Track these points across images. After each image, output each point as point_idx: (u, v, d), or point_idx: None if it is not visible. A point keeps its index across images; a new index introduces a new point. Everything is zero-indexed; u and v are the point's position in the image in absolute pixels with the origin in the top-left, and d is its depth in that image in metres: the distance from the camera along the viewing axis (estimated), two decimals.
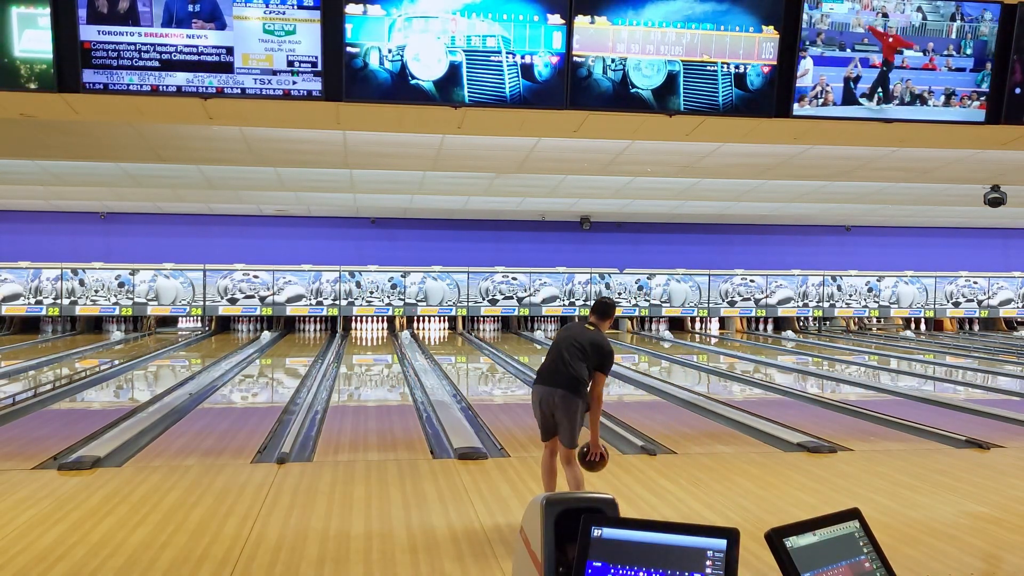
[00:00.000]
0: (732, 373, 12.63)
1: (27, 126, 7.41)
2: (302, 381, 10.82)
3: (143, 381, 11.49)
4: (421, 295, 19.13)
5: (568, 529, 2.50)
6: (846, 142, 7.75)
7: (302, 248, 18.92)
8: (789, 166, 10.16)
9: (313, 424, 7.70)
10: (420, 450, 6.62)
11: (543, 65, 5.30)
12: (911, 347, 17.10)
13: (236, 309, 18.64)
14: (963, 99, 5.73)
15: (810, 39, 5.50)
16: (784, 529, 1.84)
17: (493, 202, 15.46)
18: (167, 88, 5.08)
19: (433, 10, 5.16)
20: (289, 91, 5.16)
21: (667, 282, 20.02)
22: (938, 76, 5.67)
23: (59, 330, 18.32)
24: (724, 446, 6.89)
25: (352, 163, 10.17)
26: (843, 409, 8.76)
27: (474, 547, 4.27)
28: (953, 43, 5.64)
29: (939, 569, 3.99)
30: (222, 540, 4.35)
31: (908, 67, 5.63)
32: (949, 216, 18.01)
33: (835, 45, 5.55)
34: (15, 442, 6.91)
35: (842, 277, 20.68)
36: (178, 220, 18.44)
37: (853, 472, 6.01)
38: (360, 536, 4.47)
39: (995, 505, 5.14)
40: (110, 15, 4.95)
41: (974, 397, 9.95)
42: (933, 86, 5.69)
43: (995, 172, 10.60)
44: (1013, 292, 21.20)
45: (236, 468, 5.93)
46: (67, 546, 4.22)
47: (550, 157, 9.77)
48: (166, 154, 9.44)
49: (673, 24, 5.36)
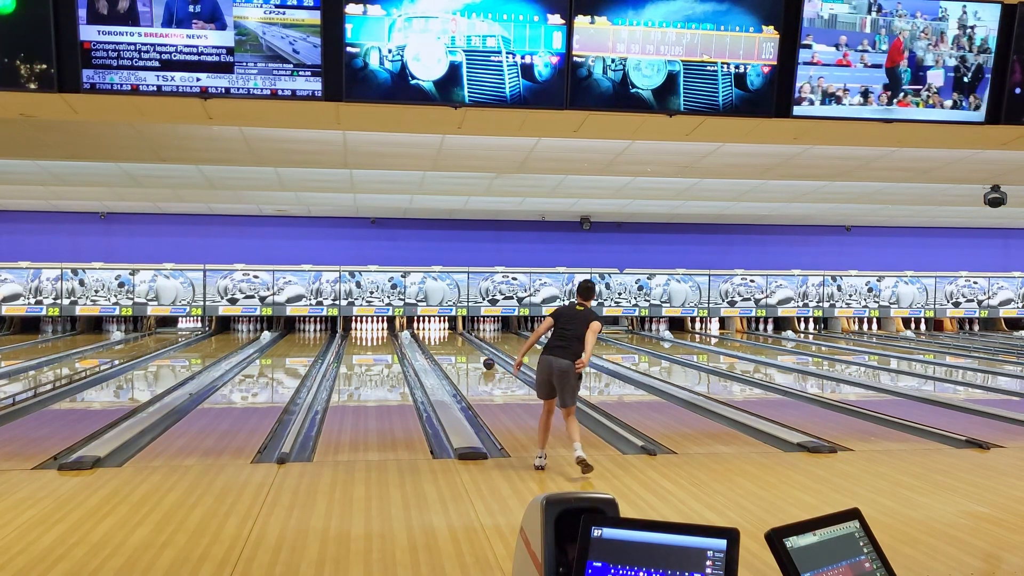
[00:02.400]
0: (732, 373, 12.63)
1: (27, 126, 7.41)
2: (302, 381, 10.82)
3: (143, 381, 11.49)
4: (421, 295, 19.14)
5: (568, 529, 2.50)
6: (846, 142, 7.76)
7: (302, 248, 18.92)
8: (789, 166, 10.16)
9: (313, 424, 7.70)
10: (420, 450, 6.62)
11: (543, 65, 5.30)
12: (911, 347, 17.10)
13: (236, 309, 18.64)
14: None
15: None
16: (784, 529, 1.84)
17: (493, 202, 15.47)
18: (167, 88, 5.08)
19: (433, 10, 5.16)
20: (289, 91, 5.16)
21: (667, 282, 20.02)
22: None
23: (59, 330, 18.32)
24: (724, 446, 6.89)
25: (352, 163, 10.17)
26: (843, 409, 8.76)
27: (474, 547, 4.27)
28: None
29: (939, 569, 3.99)
30: (222, 540, 4.34)
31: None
32: (949, 216, 18.02)
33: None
34: (15, 442, 6.91)
35: (842, 277, 20.68)
36: (178, 220, 18.44)
37: (853, 472, 6.01)
38: (360, 536, 4.47)
39: (995, 505, 5.14)
40: (110, 15, 4.95)
41: (974, 397, 9.95)
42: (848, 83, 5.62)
43: (995, 172, 10.61)
44: (1013, 292, 21.20)
45: (236, 468, 5.93)
46: (67, 546, 4.22)
47: (550, 157, 9.77)
48: (166, 154, 9.44)
49: (673, 24, 5.36)
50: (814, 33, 5.50)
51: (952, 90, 5.72)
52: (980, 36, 5.65)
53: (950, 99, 5.72)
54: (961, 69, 5.68)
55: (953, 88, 5.72)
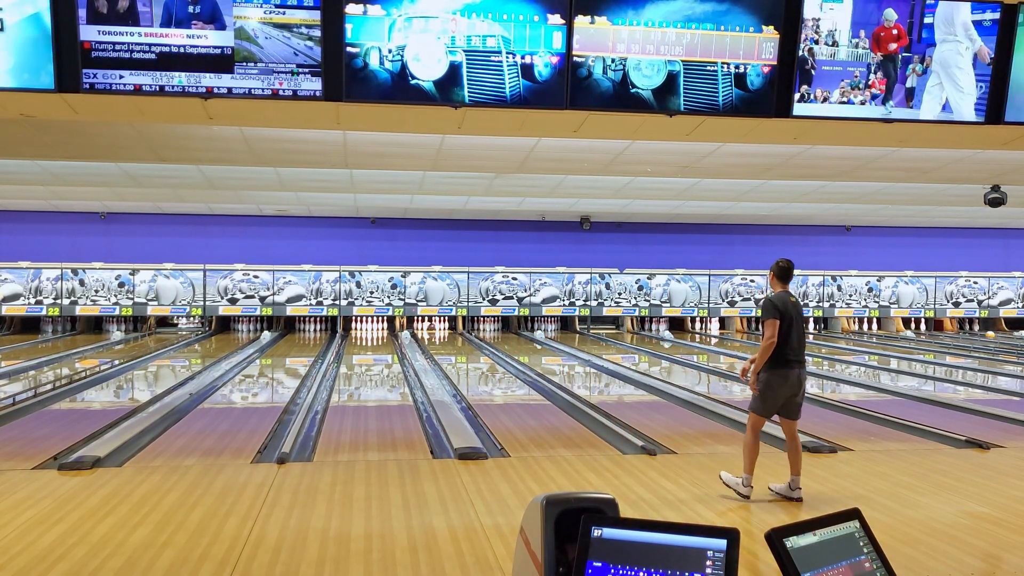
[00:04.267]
0: (732, 373, 12.62)
1: (27, 126, 7.41)
2: (302, 381, 10.82)
3: (143, 381, 11.48)
4: (421, 295, 19.14)
5: (568, 529, 2.50)
6: (846, 142, 7.76)
7: (302, 248, 18.93)
8: (789, 166, 10.16)
9: (313, 424, 7.70)
10: (420, 450, 6.62)
11: (543, 65, 5.30)
12: (911, 347, 17.10)
13: (236, 309, 18.64)
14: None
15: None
16: (784, 529, 1.84)
17: (493, 202, 15.47)
18: (167, 88, 5.09)
19: (433, 10, 5.17)
20: (289, 91, 5.17)
21: (667, 282, 20.02)
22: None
23: (59, 330, 18.32)
24: (724, 446, 6.88)
25: (352, 163, 10.18)
26: (843, 409, 8.76)
27: (474, 547, 4.27)
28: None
29: (939, 569, 3.98)
30: (222, 540, 4.34)
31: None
32: (949, 216, 18.02)
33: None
34: (15, 442, 6.91)
35: (842, 277, 20.69)
36: (178, 220, 18.45)
37: (853, 472, 6.01)
38: (360, 536, 4.47)
39: (995, 505, 5.14)
40: (110, 15, 4.96)
41: (974, 397, 9.95)
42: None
43: (995, 172, 10.61)
44: (1013, 292, 21.20)
45: (236, 468, 5.93)
46: (67, 546, 4.22)
47: (550, 157, 9.77)
48: (166, 154, 9.44)
49: (673, 24, 5.36)
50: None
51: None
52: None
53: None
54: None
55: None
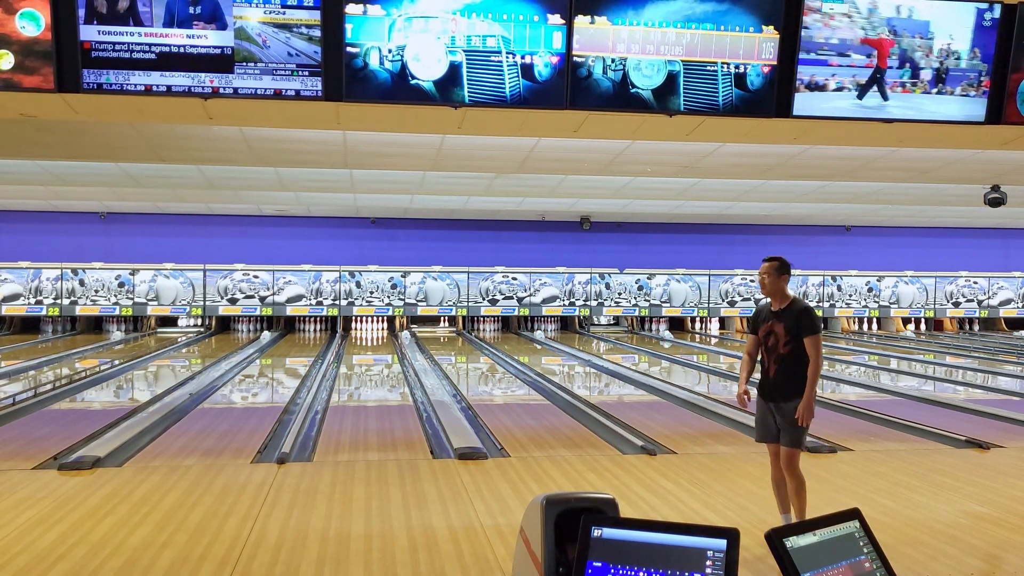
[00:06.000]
0: (732, 373, 12.62)
1: (27, 126, 7.41)
2: (302, 381, 10.81)
3: (143, 381, 11.48)
4: (421, 295, 19.13)
5: (568, 529, 2.50)
6: (846, 142, 7.75)
7: (302, 248, 18.92)
8: (789, 166, 10.16)
9: (313, 424, 7.70)
10: (420, 450, 6.62)
11: (543, 65, 5.30)
12: (911, 347, 17.10)
13: (236, 309, 18.63)
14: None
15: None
16: (784, 529, 1.84)
17: (493, 202, 15.46)
18: (167, 88, 5.08)
19: (433, 10, 5.16)
20: (289, 91, 5.16)
21: (667, 282, 20.01)
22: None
23: (59, 330, 18.32)
24: (724, 446, 6.88)
25: (352, 163, 10.17)
26: (843, 409, 8.76)
27: (474, 547, 4.27)
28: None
29: (939, 569, 3.99)
30: (222, 540, 4.34)
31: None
32: (949, 216, 18.01)
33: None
34: (15, 442, 6.91)
35: (842, 277, 20.68)
36: (178, 220, 18.44)
37: (853, 472, 6.01)
38: (360, 536, 4.47)
39: (995, 505, 5.14)
40: (110, 15, 4.95)
41: (974, 397, 9.95)
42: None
43: (995, 172, 10.61)
44: (1013, 292, 21.20)
45: (236, 468, 5.93)
46: (67, 546, 4.22)
47: (550, 157, 9.77)
48: (166, 154, 9.44)
49: (673, 24, 5.36)
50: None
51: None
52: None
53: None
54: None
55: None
